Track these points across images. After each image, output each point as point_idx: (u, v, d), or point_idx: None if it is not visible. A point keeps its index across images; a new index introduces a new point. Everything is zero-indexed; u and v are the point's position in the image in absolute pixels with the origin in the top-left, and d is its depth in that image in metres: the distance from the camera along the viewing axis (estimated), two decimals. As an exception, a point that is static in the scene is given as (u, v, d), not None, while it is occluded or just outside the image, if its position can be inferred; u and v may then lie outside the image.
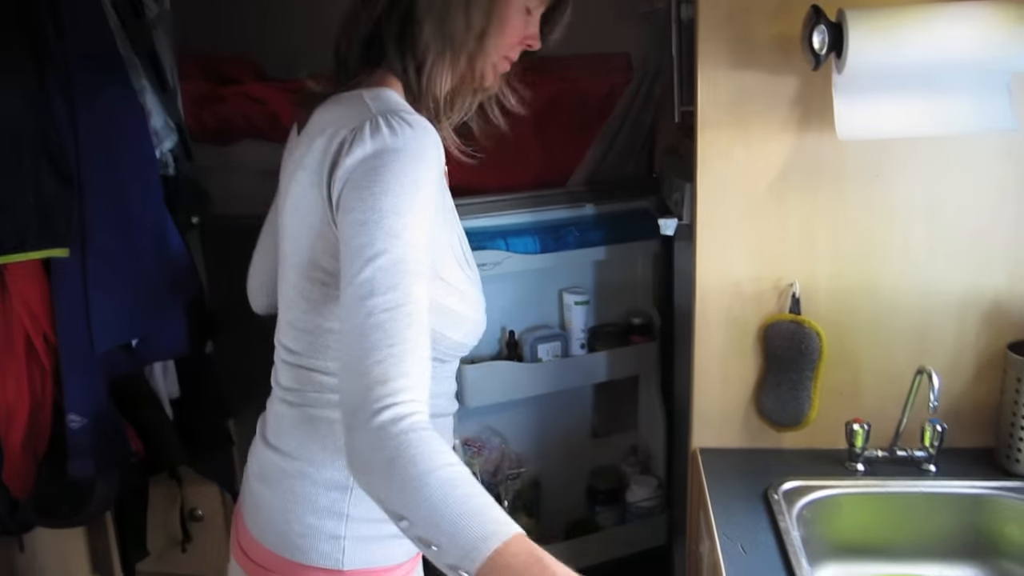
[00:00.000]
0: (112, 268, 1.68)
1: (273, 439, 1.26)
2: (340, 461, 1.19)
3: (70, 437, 1.71)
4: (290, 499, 1.22)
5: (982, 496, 1.48)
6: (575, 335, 2.28)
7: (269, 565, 1.23)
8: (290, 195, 1.19)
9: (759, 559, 1.30)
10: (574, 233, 2.19)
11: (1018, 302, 1.55)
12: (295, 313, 1.22)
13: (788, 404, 1.57)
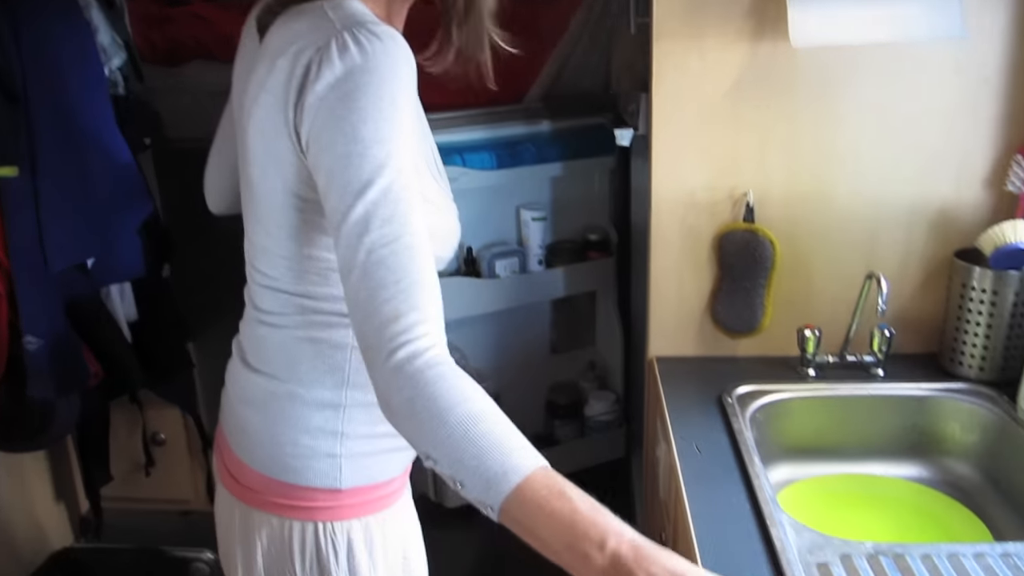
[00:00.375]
0: (63, 187, 1.65)
1: (255, 362, 1.22)
2: (330, 379, 1.18)
3: (27, 359, 1.69)
4: (280, 421, 1.20)
5: (926, 398, 1.53)
6: (532, 251, 2.30)
7: (262, 488, 1.21)
8: (254, 118, 1.11)
9: (713, 458, 1.34)
10: (531, 149, 2.19)
11: (965, 211, 1.59)
12: (269, 240, 1.17)
13: (742, 311, 1.61)
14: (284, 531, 1.20)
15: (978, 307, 1.51)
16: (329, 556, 1.20)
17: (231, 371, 1.28)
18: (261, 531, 1.22)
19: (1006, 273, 1.48)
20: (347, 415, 1.19)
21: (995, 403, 1.47)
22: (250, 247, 1.22)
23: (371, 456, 1.22)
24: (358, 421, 1.19)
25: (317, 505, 1.19)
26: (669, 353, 1.68)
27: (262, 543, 1.22)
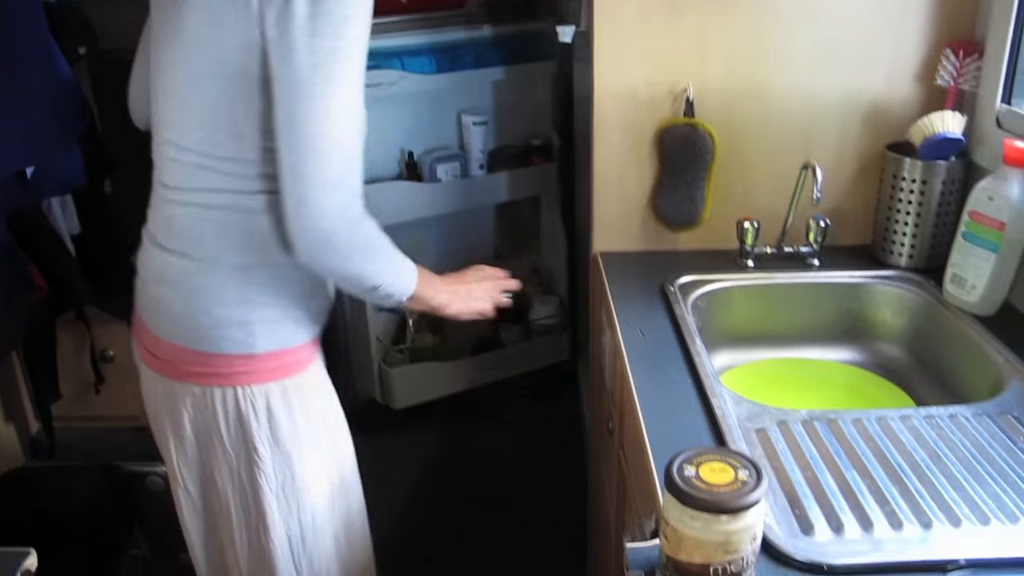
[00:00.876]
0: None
1: (166, 242, 1.30)
2: (240, 251, 1.27)
3: (-29, 270, 1.69)
4: (195, 295, 1.28)
5: (859, 285, 1.60)
6: (474, 156, 2.32)
7: (182, 361, 1.30)
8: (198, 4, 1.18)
9: (657, 341, 1.39)
10: (471, 54, 2.20)
11: (896, 105, 1.64)
12: (197, 115, 1.23)
13: (683, 205, 1.65)
14: (207, 398, 1.31)
15: (908, 197, 1.57)
16: (250, 418, 1.31)
17: (144, 257, 1.36)
18: (186, 401, 1.32)
19: (934, 163, 1.54)
20: (257, 283, 1.29)
21: (923, 288, 1.54)
22: (166, 121, 1.28)
23: (280, 322, 1.32)
24: (267, 289, 1.29)
25: (235, 371, 1.30)
26: (613, 248, 1.73)
27: (188, 412, 1.32)
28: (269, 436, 1.33)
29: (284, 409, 1.33)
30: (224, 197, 1.26)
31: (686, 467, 0.84)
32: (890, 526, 0.96)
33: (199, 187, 1.27)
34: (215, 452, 1.35)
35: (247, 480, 1.35)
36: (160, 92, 1.31)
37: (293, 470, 1.36)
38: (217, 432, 1.32)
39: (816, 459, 1.08)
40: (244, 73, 1.18)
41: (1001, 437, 1.12)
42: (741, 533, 0.81)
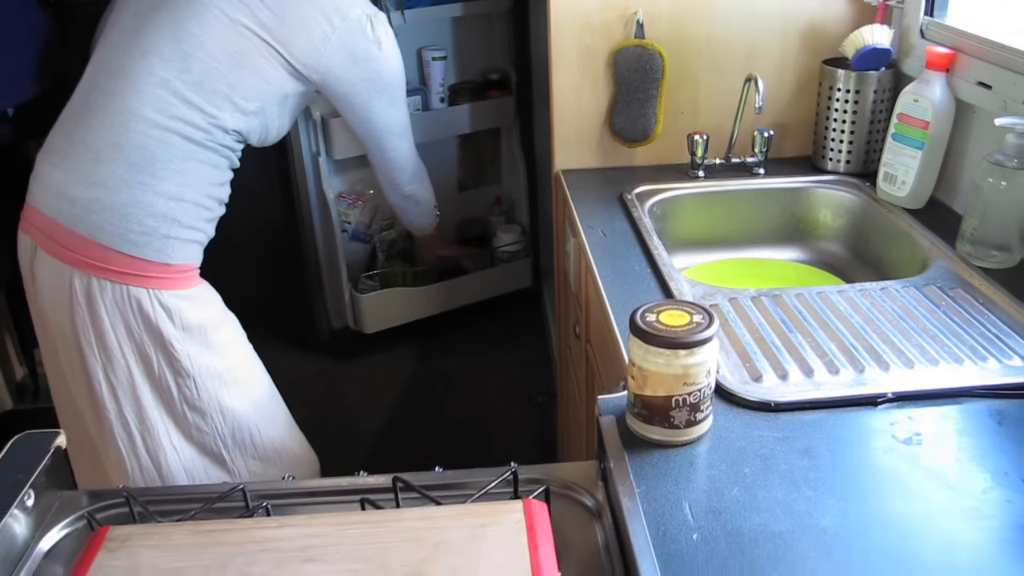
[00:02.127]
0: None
1: (107, 152, 1.50)
2: (179, 179, 1.52)
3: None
4: (131, 204, 1.50)
5: (801, 189, 1.74)
6: (435, 90, 2.42)
7: (103, 259, 1.50)
8: (219, 24, 1.52)
9: (617, 240, 1.51)
10: (428, -9, 2.29)
11: (831, 23, 1.76)
12: (210, 66, 1.52)
13: (637, 121, 1.77)
14: (125, 296, 1.52)
15: (843, 106, 1.71)
16: (163, 317, 1.54)
17: (66, 157, 1.53)
18: (104, 295, 1.52)
19: (866, 73, 1.67)
20: (183, 208, 1.54)
21: (859, 189, 1.68)
22: (170, 60, 1.51)
23: (191, 243, 1.58)
24: (190, 215, 1.55)
25: (150, 275, 1.53)
26: (573, 166, 1.84)
27: (105, 306, 1.52)
28: (181, 333, 1.56)
29: (191, 312, 1.57)
30: (195, 139, 1.53)
31: (647, 314, 0.97)
32: (828, 372, 1.10)
33: (174, 122, 1.50)
34: (133, 344, 1.55)
35: (168, 369, 1.57)
36: (156, 21, 1.51)
37: (207, 363, 1.59)
38: (134, 326, 1.53)
39: (763, 325, 1.22)
40: (281, 84, 1.60)
41: (925, 302, 1.26)
42: (698, 367, 0.94)
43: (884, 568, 0.80)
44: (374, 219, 2.57)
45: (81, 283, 1.51)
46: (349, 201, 2.58)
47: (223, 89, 1.53)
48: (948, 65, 1.50)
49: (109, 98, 1.51)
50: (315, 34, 1.57)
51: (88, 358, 1.55)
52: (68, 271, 1.51)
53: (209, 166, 1.57)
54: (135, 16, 1.56)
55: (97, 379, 1.56)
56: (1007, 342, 1.14)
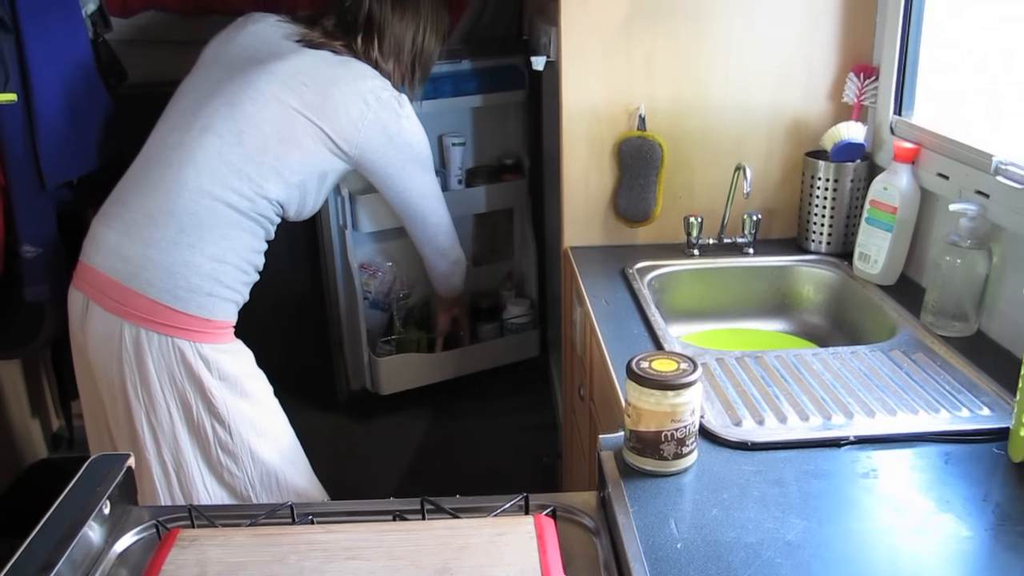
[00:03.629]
0: (55, 112, 1.89)
1: (162, 217, 1.71)
2: (224, 244, 1.73)
3: (26, 266, 1.95)
4: (179, 263, 1.70)
5: (786, 267, 1.92)
6: (453, 172, 2.65)
7: (152, 312, 1.70)
8: (271, 104, 1.77)
9: (618, 308, 1.69)
10: (452, 83, 2.52)
11: (812, 118, 1.97)
12: (258, 139, 1.75)
13: (638, 203, 1.96)
14: (171, 348, 1.71)
15: (823, 194, 1.90)
16: (202, 368, 1.72)
17: (123, 223, 1.73)
18: (151, 345, 1.70)
19: (843, 165, 1.87)
20: (226, 269, 1.75)
21: (838, 267, 1.86)
22: (223, 134, 1.73)
23: (231, 302, 1.78)
24: (231, 276, 1.76)
25: (193, 329, 1.72)
26: (580, 243, 2.03)
27: (153, 355, 1.71)
28: (219, 383, 1.74)
29: (230, 365, 1.76)
30: (240, 208, 1.74)
31: (642, 362, 1.14)
32: (800, 419, 1.27)
33: (224, 191, 1.72)
34: (176, 392, 1.73)
35: (205, 415, 1.75)
36: (215, 104, 1.74)
37: (241, 410, 1.77)
38: (177, 375, 1.72)
39: (745, 380, 1.39)
40: (322, 160, 1.83)
41: (889, 363, 1.43)
42: (683, 406, 1.11)
43: (838, 571, 0.96)
44: (393, 288, 2.77)
45: (130, 334, 1.70)
46: (370, 272, 2.78)
47: (271, 161, 1.75)
48: (913, 158, 1.70)
49: (165, 169, 1.72)
50: (353, 113, 1.81)
51: (132, 403, 1.73)
52: (119, 323, 1.70)
53: (250, 234, 1.78)
54: (195, 100, 1.78)
55: (140, 423, 1.74)
56: (958, 397, 1.31)
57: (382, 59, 1.96)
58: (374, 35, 1.94)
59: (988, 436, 1.21)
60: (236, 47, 1.88)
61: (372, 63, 1.93)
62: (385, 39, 1.95)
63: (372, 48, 1.93)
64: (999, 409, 1.27)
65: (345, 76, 1.85)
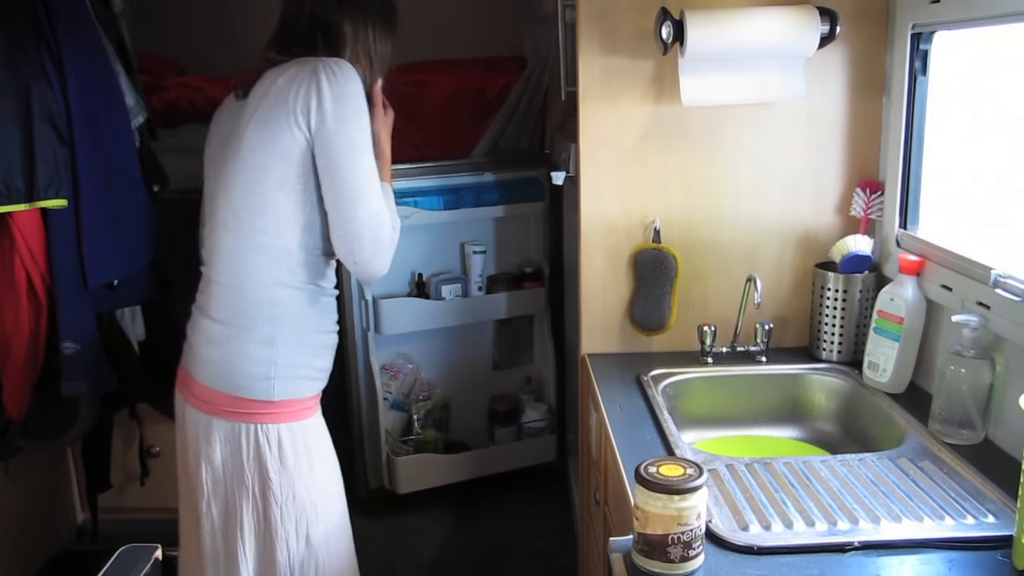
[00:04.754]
0: (101, 217, 2.00)
1: (214, 313, 1.79)
2: (267, 325, 1.76)
3: (64, 362, 2.03)
4: (233, 354, 1.77)
5: (799, 375, 1.96)
6: (474, 279, 2.75)
7: (219, 401, 1.78)
8: (254, 117, 1.72)
9: (633, 413, 1.74)
10: (474, 194, 2.64)
11: (821, 231, 2.04)
12: (248, 218, 1.74)
13: (654, 312, 2.03)
14: (235, 431, 1.78)
15: (833, 304, 1.96)
16: (265, 448, 1.78)
17: (195, 324, 1.84)
18: (220, 432, 1.79)
19: (852, 276, 1.93)
20: (279, 349, 1.77)
21: (848, 376, 1.91)
22: (224, 227, 1.77)
23: (293, 379, 1.80)
24: (286, 354, 1.78)
25: (256, 412, 1.77)
26: (597, 350, 2.09)
27: (219, 442, 1.79)
28: (278, 463, 1.79)
29: (290, 444, 1.80)
30: (259, 287, 1.77)
31: (650, 467, 1.19)
32: (805, 524, 1.30)
33: (240, 277, 1.77)
34: (237, 473, 1.79)
35: (260, 496, 1.80)
36: (217, 202, 1.79)
37: (296, 494, 1.80)
38: (240, 458, 1.78)
39: (753, 485, 1.42)
40: (287, 173, 1.71)
41: (896, 471, 1.47)
42: (690, 510, 1.16)
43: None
44: (413, 389, 2.84)
45: (204, 423, 1.81)
46: (391, 373, 2.85)
47: (268, 205, 1.73)
48: (918, 270, 1.76)
49: (208, 269, 1.83)
50: (303, 90, 1.70)
51: (203, 483, 1.82)
52: (195, 414, 1.82)
53: (297, 304, 1.78)
54: (207, 202, 1.87)
55: (205, 497, 1.83)
56: (963, 505, 1.34)
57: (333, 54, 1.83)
58: (317, 34, 1.82)
59: (993, 543, 1.24)
60: (213, 140, 1.88)
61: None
62: (332, 33, 1.83)
63: (320, 48, 1.81)
64: (1004, 516, 1.30)
65: (284, 76, 1.72)
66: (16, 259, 1.96)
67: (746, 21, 1.80)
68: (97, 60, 2.06)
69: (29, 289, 1.99)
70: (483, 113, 2.68)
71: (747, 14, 1.81)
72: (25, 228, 1.95)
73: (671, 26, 1.79)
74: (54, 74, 1.93)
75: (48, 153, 1.91)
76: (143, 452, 2.61)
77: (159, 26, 2.91)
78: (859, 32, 1.92)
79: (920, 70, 1.83)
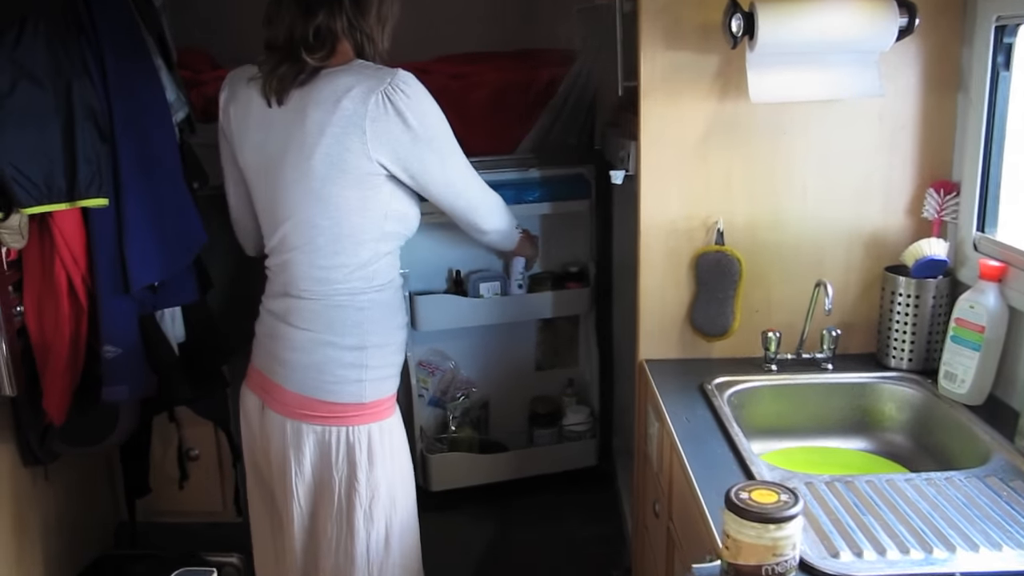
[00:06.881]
0: (143, 217, 1.93)
1: (300, 323, 1.81)
2: (355, 331, 1.79)
3: (106, 366, 1.96)
4: (323, 359, 1.80)
5: (867, 384, 1.88)
6: (514, 278, 2.66)
7: (310, 407, 1.80)
8: (321, 145, 1.70)
9: (700, 426, 1.67)
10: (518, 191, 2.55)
11: (891, 233, 1.95)
12: (325, 237, 1.76)
13: (716, 318, 1.95)
14: (325, 436, 1.81)
15: (904, 310, 1.87)
16: (355, 450, 1.81)
17: (277, 333, 1.85)
18: (309, 438, 1.81)
19: (925, 281, 1.85)
20: (368, 354, 1.81)
21: (921, 385, 1.82)
22: (301, 247, 1.78)
23: (380, 380, 1.84)
24: (374, 358, 1.82)
25: (348, 415, 1.81)
26: (655, 356, 2.01)
27: (310, 447, 1.82)
28: (367, 464, 1.82)
29: (379, 443, 1.83)
30: (342, 298, 1.79)
31: (741, 492, 1.11)
32: (899, 551, 1.22)
33: (320, 292, 1.79)
34: (326, 476, 1.82)
35: (344, 498, 1.83)
36: (283, 224, 1.80)
37: (379, 492, 1.84)
38: (331, 461, 1.81)
39: (838, 507, 1.35)
40: (365, 200, 1.75)
41: (988, 492, 1.38)
42: (785, 540, 1.08)
43: None
44: (451, 387, 2.78)
45: (293, 428, 1.82)
46: (429, 370, 2.79)
47: (343, 230, 1.76)
48: (1000, 276, 1.67)
49: (279, 280, 1.87)
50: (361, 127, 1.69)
51: (293, 489, 1.84)
52: (282, 420, 1.83)
53: (379, 305, 1.83)
54: (264, 216, 1.89)
55: (296, 500, 1.85)
56: (1065, 532, 1.26)
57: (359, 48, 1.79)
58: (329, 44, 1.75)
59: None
60: (249, 150, 1.84)
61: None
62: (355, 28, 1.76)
63: (346, 8, 1.74)
64: (1110, 545, 1.22)
65: (348, 98, 1.68)
66: (56, 261, 1.89)
67: (820, 13, 1.71)
68: (138, 55, 1.98)
69: (70, 291, 1.92)
70: (529, 108, 2.59)
71: (821, 6, 1.72)
72: (66, 228, 1.88)
73: (741, 18, 1.70)
74: (95, 69, 1.86)
75: (90, 151, 1.84)
76: (182, 456, 2.56)
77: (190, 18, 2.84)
78: (934, 25, 1.83)
79: (1003, 65, 1.74)
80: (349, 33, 1.77)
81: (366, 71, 1.73)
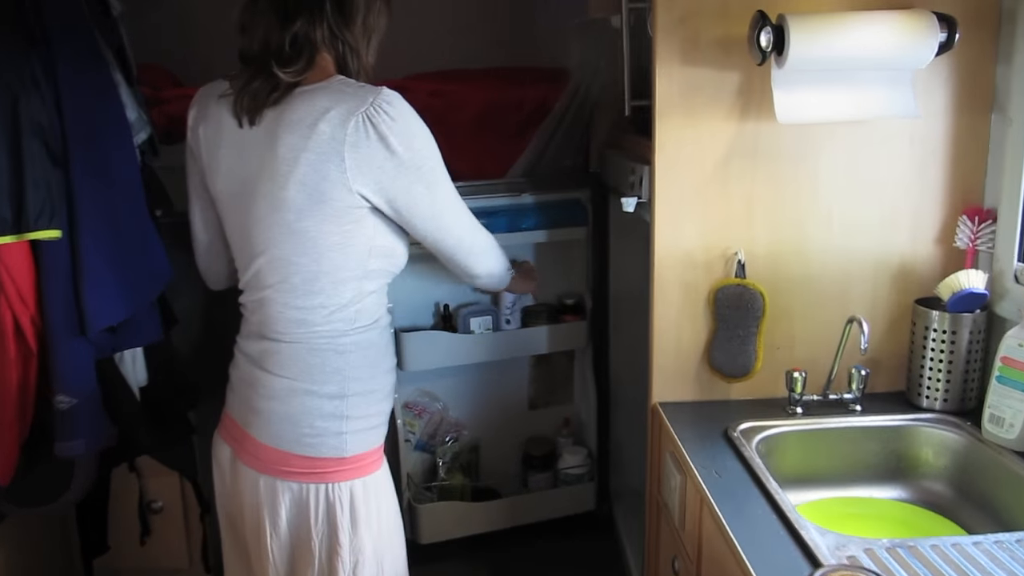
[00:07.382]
0: (101, 249, 1.71)
1: (275, 369, 1.61)
2: (335, 378, 1.60)
3: (59, 418, 1.75)
4: (300, 410, 1.60)
5: (901, 427, 1.74)
6: (503, 313, 2.48)
7: (286, 462, 1.61)
8: (295, 174, 1.50)
9: (732, 480, 1.51)
10: (509, 217, 2.38)
11: (921, 264, 1.82)
12: (301, 276, 1.56)
13: (737, 358, 1.79)
14: (303, 493, 1.61)
15: (939, 346, 1.73)
16: (336, 509, 1.61)
17: (252, 380, 1.65)
18: (285, 495, 1.62)
19: (962, 315, 1.71)
20: (348, 403, 1.62)
21: (961, 428, 1.68)
22: (276, 286, 1.59)
23: (364, 431, 1.65)
24: (356, 407, 1.63)
25: (328, 470, 1.61)
26: (670, 399, 1.85)
27: (286, 505, 1.62)
28: (349, 525, 1.62)
29: (363, 502, 1.64)
30: (321, 341, 1.60)
31: (828, 579, 0.95)
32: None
33: (297, 335, 1.59)
34: (304, 537, 1.63)
35: (326, 562, 1.64)
36: (256, 260, 1.60)
37: (363, 556, 1.65)
38: (308, 522, 1.62)
39: (910, 581, 1.19)
40: (346, 235, 1.55)
41: (1057, 559, 1.24)
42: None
43: None
44: (439, 430, 2.59)
45: (267, 485, 1.63)
46: (416, 411, 2.60)
47: (323, 268, 1.57)
48: (1051, 312, 1.54)
49: (253, 322, 1.68)
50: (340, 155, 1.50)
51: (269, 550, 1.66)
52: (255, 476, 1.64)
53: (362, 348, 1.63)
54: (237, 247, 1.70)
55: (271, 562, 1.67)
56: None
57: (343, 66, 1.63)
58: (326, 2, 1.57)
59: None
60: (220, 177, 1.65)
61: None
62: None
63: (329, 16, 1.57)
64: None
65: (325, 121, 1.48)
66: (3, 301, 1.68)
67: (856, 27, 1.57)
68: (95, 69, 1.78)
69: (16, 334, 1.70)
70: (520, 128, 2.42)
71: (856, 19, 1.58)
72: (12, 263, 1.66)
73: (771, 32, 1.56)
74: (46, 84, 1.65)
75: (39, 175, 1.63)
76: (143, 508, 2.34)
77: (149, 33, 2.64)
78: (967, 42, 1.68)
79: (1048, 83, 1.61)
80: (331, 44, 1.58)
81: (347, 89, 1.53)
